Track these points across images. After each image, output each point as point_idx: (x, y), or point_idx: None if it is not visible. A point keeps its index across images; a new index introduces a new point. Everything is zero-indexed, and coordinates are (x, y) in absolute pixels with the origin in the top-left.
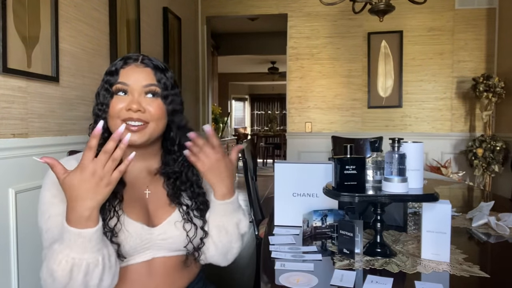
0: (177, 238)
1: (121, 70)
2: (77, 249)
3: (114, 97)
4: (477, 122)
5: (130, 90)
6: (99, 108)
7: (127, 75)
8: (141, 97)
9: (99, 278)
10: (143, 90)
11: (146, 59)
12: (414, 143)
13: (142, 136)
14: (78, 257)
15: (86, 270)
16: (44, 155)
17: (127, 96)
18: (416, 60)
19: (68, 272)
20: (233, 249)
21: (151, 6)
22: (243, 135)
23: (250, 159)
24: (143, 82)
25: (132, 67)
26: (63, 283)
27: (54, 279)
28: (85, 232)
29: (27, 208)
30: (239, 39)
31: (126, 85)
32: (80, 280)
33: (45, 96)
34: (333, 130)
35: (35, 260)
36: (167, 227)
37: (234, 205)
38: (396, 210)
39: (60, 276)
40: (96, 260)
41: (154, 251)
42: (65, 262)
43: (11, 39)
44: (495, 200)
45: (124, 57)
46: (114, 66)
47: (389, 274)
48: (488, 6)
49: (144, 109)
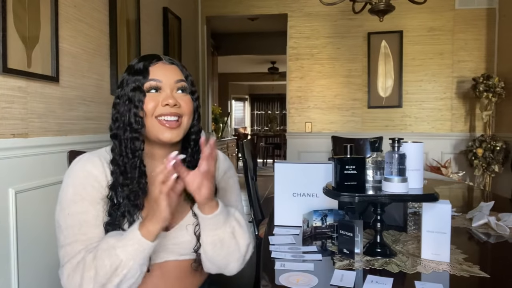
0: (188, 243)
1: (150, 68)
2: (129, 253)
3: (146, 95)
4: (477, 122)
5: (163, 86)
6: (136, 105)
7: (157, 72)
8: (173, 92)
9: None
10: (175, 86)
11: (168, 58)
12: (414, 143)
13: (179, 132)
14: (126, 261)
15: (124, 277)
16: (44, 155)
17: (159, 93)
18: (416, 60)
19: (113, 270)
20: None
21: (151, 6)
22: (243, 135)
23: (250, 159)
24: (175, 78)
25: (160, 64)
26: (104, 279)
27: (97, 273)
28: (144, 241)
29: (27, 208)
30: (239, 39)
31: (159, 81)
32: (115, 283)
33: (45, 96)
34: (333, 130)
35: (35, 260)
36: (179, 232)
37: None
38: (396, 210)
39: (106, 271)
40: (135, 271)
41: (165, 255)
42: (115, 260)
43: (11, 39)
44: (495, 200)
45: (145, 57)
46: (138, 65)
47: (389, 274)
48: (488, 6)
49: (179, 104)
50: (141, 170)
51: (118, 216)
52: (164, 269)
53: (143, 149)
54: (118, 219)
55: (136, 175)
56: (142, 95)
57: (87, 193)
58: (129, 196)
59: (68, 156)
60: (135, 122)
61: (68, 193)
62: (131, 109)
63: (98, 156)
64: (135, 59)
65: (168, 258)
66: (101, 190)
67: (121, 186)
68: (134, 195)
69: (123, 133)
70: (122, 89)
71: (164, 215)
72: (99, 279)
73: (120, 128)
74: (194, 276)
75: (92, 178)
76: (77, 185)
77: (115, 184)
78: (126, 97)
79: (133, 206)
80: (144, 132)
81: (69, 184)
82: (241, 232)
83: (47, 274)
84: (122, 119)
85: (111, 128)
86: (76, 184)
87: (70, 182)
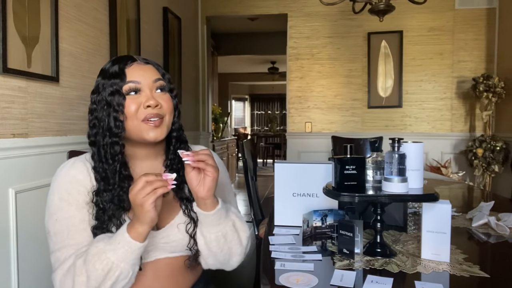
0: (180, 241)
1: (126, 70)
2: (119, 255)
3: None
4: (477, 122)
5: (142, 87)
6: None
7: (134, 74)
8: (152, 93)
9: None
10: (154, 86)
11: (142, 58)
12: (414, 143)
13: (163, 130)
14: (117, 263)
15: (117, 279)
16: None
17: (139, 95)
18: (416, 60)
19: (105, 274)
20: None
21: (151, 6)
22: (243, 135)
23: (250, 159)
24: (152, 77)
25: (136, 65)
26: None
27: (89, 278)
28: (133, 243)
29: (27, 208)
30: (239, 39)
31: (138, 83)
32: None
33: (45, 96)
34: (333, 130)
35: (35, 260)
36: (170, 231)
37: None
38: (396, 210)
39: (98, 275)
40: (127, 272)
41: (157, 253)
42: (106, 263)
43: (11, 39)
44: (495, 200)
45: (118, 58)
46: (113, 68)
47: (389, 274)
48: (488, 6)
49: (160, 104)
50: (122, 174)
51: (106, 220)
52: (156, 267)
53: (123, 152)
54: (105, 223)
55: (117, 179)
56: (122, 98)
57: (73, 198)
58: (112, 200)
59: (68, 156)
60: (115, 126)
61: (54, 199)
62: (111, 114)
63: (83, 161)
64: (108, 63)
65: (159, 256)
66: (86, 194)
67: (104, 192)
68: (118, 199)
69: (102, 139)
70: (98, 94)
71: (151, 216)
72: (91, 284)
73: (99, 134)
74: (187, 273)
75: (77, 183)
76: (62, 191)
77: (99, 190)
78: (104, 102)
79: (118, 209)
80: (124, 135)
81: (55, 190)
82: (240, 224)
83: (47, 274)
84: (101, 125)
85: (89, 135)
86: (61, 189)
87: (55, 188)
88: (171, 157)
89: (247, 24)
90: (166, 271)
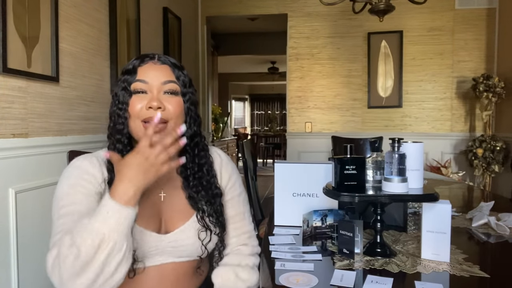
0: (190, 246)
1: (138, 68)
2: (110, 225)
3: (133, 96)
4: (477, 122)
5: (149, 87)
6: (119, 107)
7: (145, 73)
8: (160, 94)
9: (115, 266)
10: (162, 88)
11: (162, 57)
12: (414, 143)
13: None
14: (108, 233)
15: (111, 250)
16: (44, 155)
17: (146, 95)
18: (416, 60)
19: (95, 247)
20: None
21: (151, 6)
22: (243, 135)
23: (250, 159)
24: (162, 79)
25: (149, 64)
26: (87, 258)
27: (79, 255)
28: (124, 210)
29: (27, 208)
30: (239, 39)
31: (145, 82)
32: (102, 259)
33: (45, 96)
34: (333, 130)
35: (35, 259)
36: (179, 236)
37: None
38: (396, 210)
39: (87, 250)
40: (121, 244)
41: (163, 257)
42: (95, 235)
43: (11, 39)
44: (495, 200)
45: (140, 56)
46: (130, 64)
47: (389, 274)
48: (488, 6)
49: (164, 107)
50: None
51: None
52: (161, 272)
53: (128, 150)
54: None
55: None
56: (128, 96)
57: (82, 186)
58: None
59: (68, 156)
60: (118, 123)
61: (63, 187)
62: (116, 110)
63: (95, 156)
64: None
65: (165, 261)
66: (97, 185)
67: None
68: None
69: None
70: (117, 87)
71: (163, 171)
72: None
73: (110, 128)
74: (192, 278)
75: (87, 174)
76: (72, 179)
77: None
78: (116, 96)
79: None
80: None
81: (65, 179)
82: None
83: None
84: (112, 119)
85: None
86: (71, 178)
87: (65, 178)
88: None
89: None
90: (171, 275)
